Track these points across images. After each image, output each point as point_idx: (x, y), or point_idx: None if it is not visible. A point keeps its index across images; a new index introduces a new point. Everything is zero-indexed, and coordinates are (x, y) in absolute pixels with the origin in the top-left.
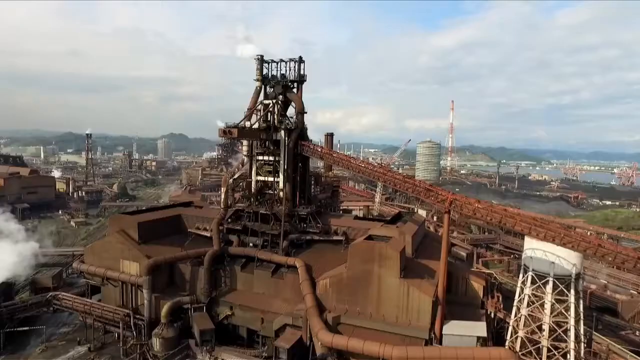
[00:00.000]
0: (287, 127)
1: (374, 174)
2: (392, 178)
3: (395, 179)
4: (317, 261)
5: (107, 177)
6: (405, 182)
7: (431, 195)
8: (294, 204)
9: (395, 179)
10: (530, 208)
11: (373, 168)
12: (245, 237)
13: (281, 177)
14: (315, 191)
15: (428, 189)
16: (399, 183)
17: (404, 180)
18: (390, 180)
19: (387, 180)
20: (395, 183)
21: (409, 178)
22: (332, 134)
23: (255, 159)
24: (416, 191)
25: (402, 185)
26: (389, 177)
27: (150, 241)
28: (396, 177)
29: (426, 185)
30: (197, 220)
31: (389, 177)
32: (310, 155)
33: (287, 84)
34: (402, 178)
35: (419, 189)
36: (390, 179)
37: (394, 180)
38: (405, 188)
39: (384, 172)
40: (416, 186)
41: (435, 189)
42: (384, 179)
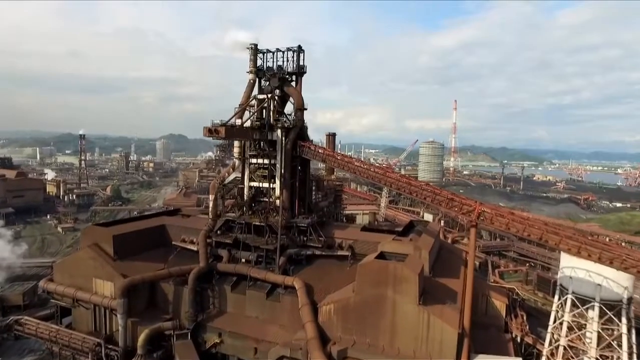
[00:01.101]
0: (284, 126)
1: (386, 180)
2: (408, 185)
3: (412, 187)
4: (320, 281)
5: (102, 179)
6: (423, 190)
7: (455, 205)
8: (293, 214)
9: (412, 185)
10: (539, 211)
11: (384, 173)
12: (237, 252)
13: (277, 182)
14: (317, 198)
15: (451, 198)
16: (417, 191)
17: (421, 187)
18: (405, 188)
19: (401, 187)
20: (412, 191)
21: (427, 185)
22: (334, 134)
23: (248, 162)
24: (436, 200)
25: (419, 193)
26: (403, 184)
27: (128, 256)
28: (413, 184)
29: (448, 194)
30: (183, 231)
31: (403, 184)
32: (310, 158)
33: (284, 77)
34: (420, 185)
35: (440, 198)
36: (405, 186)
37: (409, 187)
38: (423, 197)
39: (398, 178)
40: (436, 194)
41: (460, 197)
42: (398, 185)
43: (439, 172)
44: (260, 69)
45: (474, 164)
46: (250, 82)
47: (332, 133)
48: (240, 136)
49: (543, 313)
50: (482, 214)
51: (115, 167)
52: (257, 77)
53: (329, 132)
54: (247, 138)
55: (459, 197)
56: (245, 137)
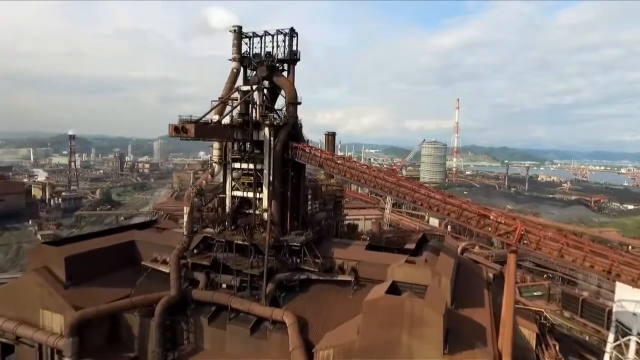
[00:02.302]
0: (273, 123)
1: (399, 191)
2: (427, 197)
3: (433, 199)
4: (316, 313)
5: (95, 181)
6: (446, 204)
7: (488, 224)
8: (284, 230)
9: (432, 198)
10: (549, 214)
11: (397, 182)
12: (217, 275)
13: (265, 192)
14: (313, 208)
15: (483, 214)
16: (438, 205)
17: (444, 201)
18: (423, 201)
19: (418, 200)
20: (432, 205)
21: (452, 198)
22: (334, 134)
23: (230, 167)
24: (464, 217)
25: (441, 207)
26: (421, 196)
27: (85, 282)
28: (432, 196)
29: (479, 210)
30: (155, 249)
31: (421, 196)
32: (304, 162)
33: (273, 65)
34: (443, 198)
35: (469, 214)
36: (423, 199)
37: (428, 200)
38: (446, 212)
39: (414, 188)
40: (463, 210)
41: (494, 214)
42: (414, 198)
43: (442, 172)
44: (246, 56)
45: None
46: (234, 72)
47: (331, 132)
48: (216, 136)
49: (571, 337)
50: (526, 236)
51: (110, 169)
52: (241, 66)
53: (328, 132)
54: (225, 138)
55: (494, 214)
56: (223, 136)
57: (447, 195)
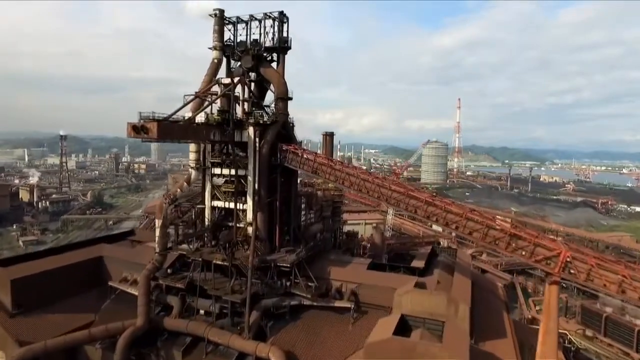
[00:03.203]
0: (259, 122)
1: (408, 204)
2: (443, 211)
3: (449, 214)
4: (310, 346)
5: (90, 182)
6: (467, 220)
7: (522, 247)
8: (272, 246)
9: (449, 213)
10: (556, 217)
11: (406, 193)
12: (194, 300)
13: (249, 202)
14: (308, 219)
15: (514, 234)
16: (457, 221)
17: (465, 216)
18: (438, 216)
19: (432, 214)
20: (449, 221)
21: (474, 213)
22: (332, 134)
23: (210, 174)
24: (490, 237)
25: (461, 225)
26: (436, 211)
27: (37, 308)
28: (450, 210)
29: (510, 229)
30: (126, 266)
31: (436, 211)
32: (295, 167)
33: (260, 54)
34: (463, 213)
35: (497, 234)
36: (438, 214)
37: (445, 216)
38: (467, 230)
39: (427, 201)
40: (489, 228)
41: (528, 234)
42: (427, 212)
43: (443, 173)
44: (229, 45)
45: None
46: (214, 63)
47: (329, 132)
48: (187, 136)
49: None
50: (572, 265)
51: (106, 169)
52: (223, 56)
53: (325, 132)
54: (199, 139)
55: (529, 234)
56: (196, 137)
57: (468, 210)
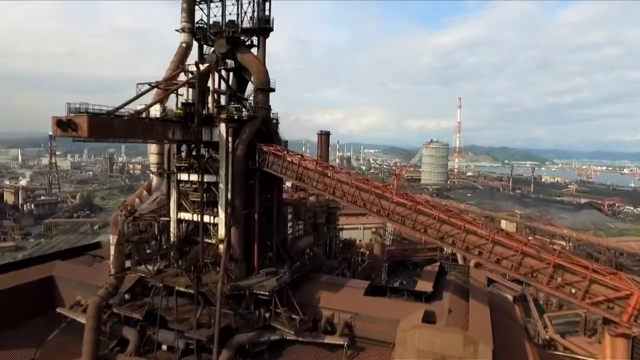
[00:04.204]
0: (233, 117)
1: (418, 220)
2: (463, 231)
3: (470, 235)
4: None
5: (82, 183)
6: (494, 243)
7: (571, 283)
8: (249, 268)
9: (470, 233)
10: (561, 219)
11: (414, 207)
12: (154, 332)
13: (221, 215)
14: (296, 231)
15: (561, 264)
16: (481, 245)
17: (492, 239)
18: (455, 238)
19: (447, 235)
20: (470, 244)
21: (502, 235)
22: (329, 133)
23: (176, 180)
24: (526, 268)
25: (486, 250)
26: (453, 231)
27: None
28: (471, 230)
29: (555, 258)
30: (82, 288)
31: (453, 231)
32: (277, 173)
33: (237, 37)
34: (489, 235)
35: (535, 262)
36: (456, 235)
37: (464, 237)
38: (493, 258)
39: (441, 217)
40: (525, 255)
41: (579, 264)
42: (440, 232)
43: (444, 174)
44: (200, 27)
45: (475, 164)
46: (182, 47)
47: (325, 131)
48: (134, 135)
49: None
50: None
51: (100, 170)
52: (193, 39)
53: (321, 131)
54: (150, 138)
55: (581, 265)
56: (147, 135)
57: (495, 230)
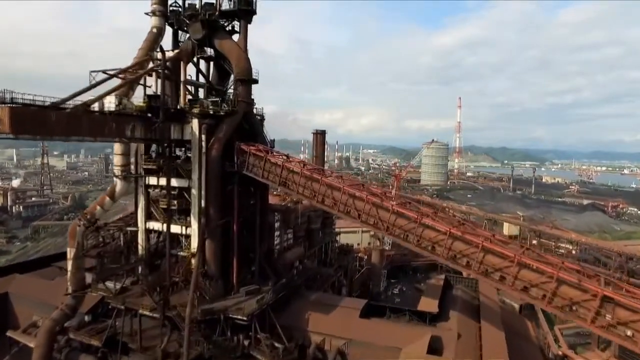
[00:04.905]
0: (207, 112)
1: (424, 236)
2: (479, 250)
3: (490, 254)
4: None
5: (77, 184)
6: (519, 266)
7: (626, 323)
8: (227, 286)
9: (492, 253)
10: (564, 221)
11: (418, 219)
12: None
13: (194, 225)
14: (284, 241)
15: (610, 297)
16: (501, 269)
17: (518, 261)
18: (472, 259)
19: (463, 255)
20: (487, 266)
21: (533, 258)
22: (324, 132)
23: (144, 184)
24: (563, 299)
25: (511, 275)
26: (469, 253)
27: None
28: (493, 251)
29: (602, 289)
30: (38, 308)
31: (469, 253)
32: (257, 177)
33: (214, 20)
34: (515, 257)
35: (580, 294)
36: (471, 256)
37: (480, 260)
38: (518, 285)
39: (454, 233)
40: (561, 282)
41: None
42: (454, 252)
43: (444, 174)
44: (174, 9)
45: (475, 164)
46: (153, 33)
47: (320, 131)
48: (75, 131)
49: None
50: None
51: (96, 171)
52: (165, 24)
53: (316, 130)
54: (100, 135)
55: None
56: (96, 132)
57: (521, 250)
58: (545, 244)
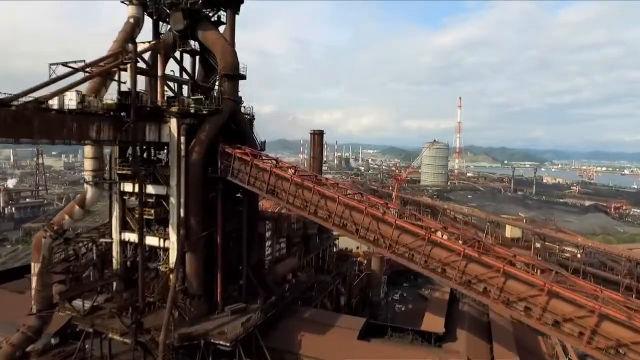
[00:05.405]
0: (188, 111)
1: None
2: (500, 274)
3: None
4: None
5: (74, 184)
6: (549, 296)
7: None
8: (211, 305)
9: (515, 278)
10: (567, 222)
11: (436, 239)
12: None
13: (172, 237)
14: (276, 251)
15: None
16: (526, 298)
17: (548, 291)
18: (490, 285)
19: (479, 281)
20: (509, 294)
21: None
22: (322, 132)
23: (118, 191)
24: (608, 338)
25: (539, 306)
26: (486, 278)
27: None
28: (515, 276)
29: None
30: (3, 327)
31: (486, 278)
32: (242, 184)
33: (197, 10)
34: (545, 286)
35: (629, 334)
36: (489, 282)
37: (500, 286)
38: (548, 319)
39: (470, 255)
40: (603, 318)
41: None
42: (468, 276)
43: (444, 175)
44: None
45: (475, 164)
46: (130, 23)
47: (318, 131)
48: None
49: None
50: None
51: None
52: (144, 13)
53: (314, 130)
54: (55, 137)
55: None
56: (51, 134)
57: (552, 277)
58: (549, 247)
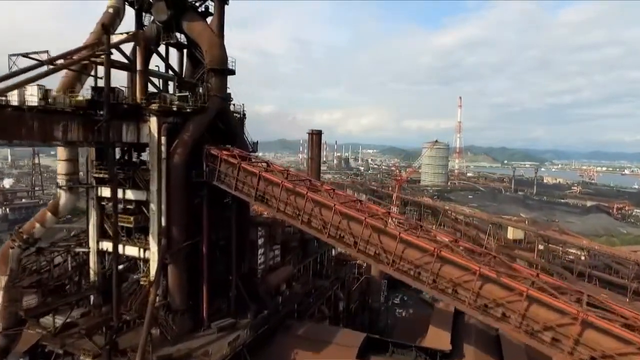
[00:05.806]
0: (171, 109)
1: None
2: (522, 298)
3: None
4: None
5: None
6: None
7: None
8: (197, 321)
9: (539, 303)
10: (569, 223)
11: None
12: None
13: (153, 248)
14: (269, 260)
15: None
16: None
17: (582, 320)
18: (512, 311)
19: (497, 304)
20: (533, 323)
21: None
22: (320, 132)
23: (95, 197)
24: None
25: (571, 336)
26: (506, 302)
27: None
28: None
29: None
30: None
31: (506, 302)
32: (229, 190)
33: (183, 1)
34: (579, 315)
35: None
36: (510, 307)
37: (522, 313)
38: (583, 355)
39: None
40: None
41: None
42: (485, 299)
43: (444, 175)
44: None
45: (475, 164)
46: (109, 14)
47: (316, 131)
48: None
49: None
50: None
51: None
52: (125, 3)
53: (312, 130)
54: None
55: None
56: (9, 134)
57: (579, 303)
58: (553, 249)
